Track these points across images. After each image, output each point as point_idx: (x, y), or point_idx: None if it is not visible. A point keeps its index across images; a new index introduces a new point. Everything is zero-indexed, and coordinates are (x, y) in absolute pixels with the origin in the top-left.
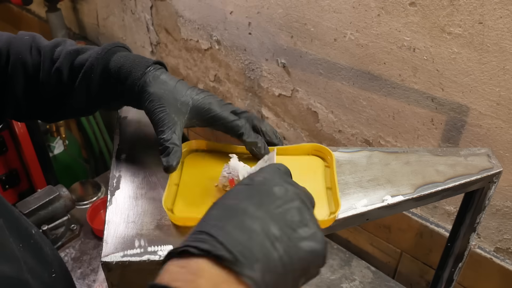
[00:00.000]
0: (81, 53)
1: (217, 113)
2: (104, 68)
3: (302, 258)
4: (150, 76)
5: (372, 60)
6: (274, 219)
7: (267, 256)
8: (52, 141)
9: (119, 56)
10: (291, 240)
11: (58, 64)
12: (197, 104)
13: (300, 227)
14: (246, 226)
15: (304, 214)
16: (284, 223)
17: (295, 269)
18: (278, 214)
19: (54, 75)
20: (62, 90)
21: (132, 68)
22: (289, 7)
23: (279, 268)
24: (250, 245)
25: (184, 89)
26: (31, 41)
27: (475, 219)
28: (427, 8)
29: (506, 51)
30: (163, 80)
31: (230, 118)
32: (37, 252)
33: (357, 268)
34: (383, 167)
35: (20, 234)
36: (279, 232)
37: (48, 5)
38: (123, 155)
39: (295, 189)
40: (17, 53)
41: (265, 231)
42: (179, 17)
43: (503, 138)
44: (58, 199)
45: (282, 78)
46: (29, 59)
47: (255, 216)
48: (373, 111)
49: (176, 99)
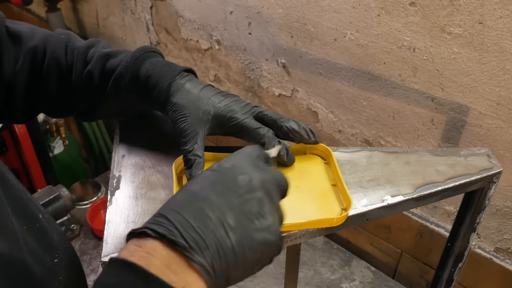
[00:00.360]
0: (112, 57)
1: (239, 121)
2: (132, 78)
3: (254, 248)
4: (175, 86)
5: (372, 60)
6: (232, 209)
7: (219, 244)
8: (52, 141)
9: (148, 64)
10: (245, 230)
11: (90, 67)
12: (219, 112)
13: (257, 218)
14: (203, 214)
15: (263, 206)
16: (242, 213)
17: (247, 258)
18: (237, 203)
19: (85, 78)
20: (94, 93)
21: (160, 78)
22: (289, 7)
23: (230, 256)
24: (203, 233)
25: (207, 97)
26: (66, 41)
27: (475, 219)
28: (427, 8)
29: (506, 51)
30: (187, 89)
31: (252, 126)
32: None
33: (357, 268)
34: (383, 167)
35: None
36: (235, 222)
37: (48, 5)
38: (123, 155)
39: (262, 178)
40: (52, 51)
41: (221, 220)
42: (179, 17)
43: (503, 138)
44: (58, 199)
45: (282, 78)
46: (63, 59)
47: (215, 204)
48: (373, 111)
49: (198, 108)
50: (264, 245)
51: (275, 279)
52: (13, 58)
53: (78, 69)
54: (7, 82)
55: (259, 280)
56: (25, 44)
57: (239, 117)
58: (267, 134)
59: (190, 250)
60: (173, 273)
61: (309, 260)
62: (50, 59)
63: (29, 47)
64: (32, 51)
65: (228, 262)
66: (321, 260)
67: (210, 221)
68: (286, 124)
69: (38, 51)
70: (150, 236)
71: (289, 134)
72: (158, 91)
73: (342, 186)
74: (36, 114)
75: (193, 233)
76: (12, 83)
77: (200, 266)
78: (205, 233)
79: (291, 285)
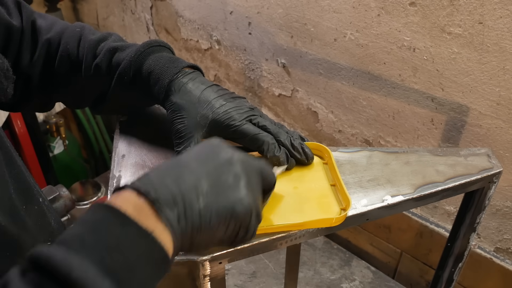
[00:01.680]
0: (120, 51)
1: (237, 128)
2: (135, 73)
3: (221, 215)
4: (176, 84)
5: (372, 60)
6: (208, 177)
7: (188, 205)
8: (52, 141)
9: (152, 59)
10: (216, 198)
11: (98, 60)
12: (217, 118)
13: (229, 190)
14: (180, 177)
15: (239, 181)
16: (216, 182)
17: (212, 225)
18: (214, 174)
19: (94, 71)
20: (102, 85)
21: (161, 74)
22: (289, 7)
23: (196, 218)
24: (175, 193)
25: (207, 100)
26: (81, 34)
27: (475, 219)
28: (427, 8)
29: (506, 51)
30: (188, 89)
31: (250, 132)
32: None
33: (357, 268)
34: (383, 167)
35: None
36: (208, 188)
37: (48, 5)
38: (123, 155)
39: (243, 158)
40: (66, 43)
41: (195, 185)
42: (179, 17)
43: (503, 138)
44: (58, 199)
45: (282, 78)
46: (75, 51)
47: (194, 171)
48: (373, 111)
49: (197, 111)
50: (231, 214)
51: (275, 279)
52: (30, 49)
53: (88, 61)
54: (25, 72)
55: (259, 280)
56: (43, 36)
57: (236, 124)
58: (266, 140)
59: (159, 202)
60: (144, 219)
61: (309, 260)
62: (63, 51)
63: (46, 38)
64: (47, 42)
65: (193, 223)
66: (321, 260)
67: (184, 184)
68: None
69: (53, 43)
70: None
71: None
72: (158, 88)
73: (341, 186)
74: (53, 104)
75: (165, 190)
76: (29, 73)
77: (167, 219)
78: (176, 193)
79: (291, 285)
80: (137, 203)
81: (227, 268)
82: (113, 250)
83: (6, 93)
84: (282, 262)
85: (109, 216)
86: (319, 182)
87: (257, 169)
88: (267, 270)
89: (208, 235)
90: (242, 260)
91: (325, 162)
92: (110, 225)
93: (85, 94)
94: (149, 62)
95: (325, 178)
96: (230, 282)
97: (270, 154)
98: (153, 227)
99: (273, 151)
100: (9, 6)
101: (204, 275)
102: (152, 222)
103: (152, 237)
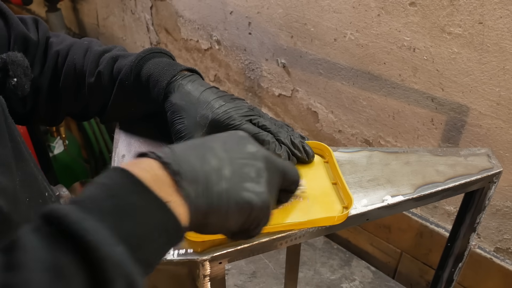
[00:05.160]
0: (121, 59)
1: (236, 128)
2: (135, 77)
3: (239, 204)
4: (175, 86)
5: (372, 60)
6: (231, 164)
7: (208, 185)
8: (52, 141)
9: (151, 63)
10: (236, 186)
11: (100, 68)
12: (216, 118)
13: (250, 182)
14: (205, 157)
15: (260, 176)
16: (238, 172)
17: (229, 210)
18: (238, 163)
19: (96, 79)
20: (105, 94)
21: (160, 76)
22: (289, 7)
23: (214, 200)
24: (197, 169)
25: (206, 101)
26: (88, 46)
27: (475, 219)
28: (427, 8)
29: (506, 51)
30: (187, 91)
31: (250, 131)
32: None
33: (357, 268)
34: (383, 167)
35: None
36: (230, 174)
37: (48, 5)
38: (123, 155)
39: (268, 155)
40: (73, 54)
41: (218, 168)
42: (179, 17)
43: (503, 138)
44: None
45: (282, 78)
46: (81, 62)
47: (218, 155)
48: (373, 111)
49: (197, 111)
50: (248, 204)
51: (275, 279)
52: (41, 61)
53: (91, 70)
54: (35, 83)
55: (259, 280)
56: (53, 48)
57: (236, 124)
58: (266, 139)
59: (180, 175)
60: (161, 190)
61: (309, 260)
62: (70, 61)
63: (55, 50)
64: (56, 53)
65: (211, 204)
66: (321, 260)
67: (208, 165)
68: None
69: (62, 55)
70: (150, 157)
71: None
72: (157, 90)
73: (342, 184)
74: (61, 117)
75: (187, 166)
76: (38, 84)
77: (185, 193)
78: (198, 171)
79: (291, 285)
80: (157, 173)
81: (227, 268)
82: (129, 217)
83: (24, 89)
84: (282, 262)
85: (127, 183)
86: (320, 180)
87: (279, 168)
88: (267, 270)
89: (221, 219)
90: (242, 260)
91: (326, 161)
92: (127, 192)
93: (88, 104)
94: (148, 66)
95: (326, 176)
96: (230, 282)
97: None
98: (170, 198)
99: (274, 150)
100: (27, 22)
101: (204, 275)
102: (170, 193)
103: (168, 208)
